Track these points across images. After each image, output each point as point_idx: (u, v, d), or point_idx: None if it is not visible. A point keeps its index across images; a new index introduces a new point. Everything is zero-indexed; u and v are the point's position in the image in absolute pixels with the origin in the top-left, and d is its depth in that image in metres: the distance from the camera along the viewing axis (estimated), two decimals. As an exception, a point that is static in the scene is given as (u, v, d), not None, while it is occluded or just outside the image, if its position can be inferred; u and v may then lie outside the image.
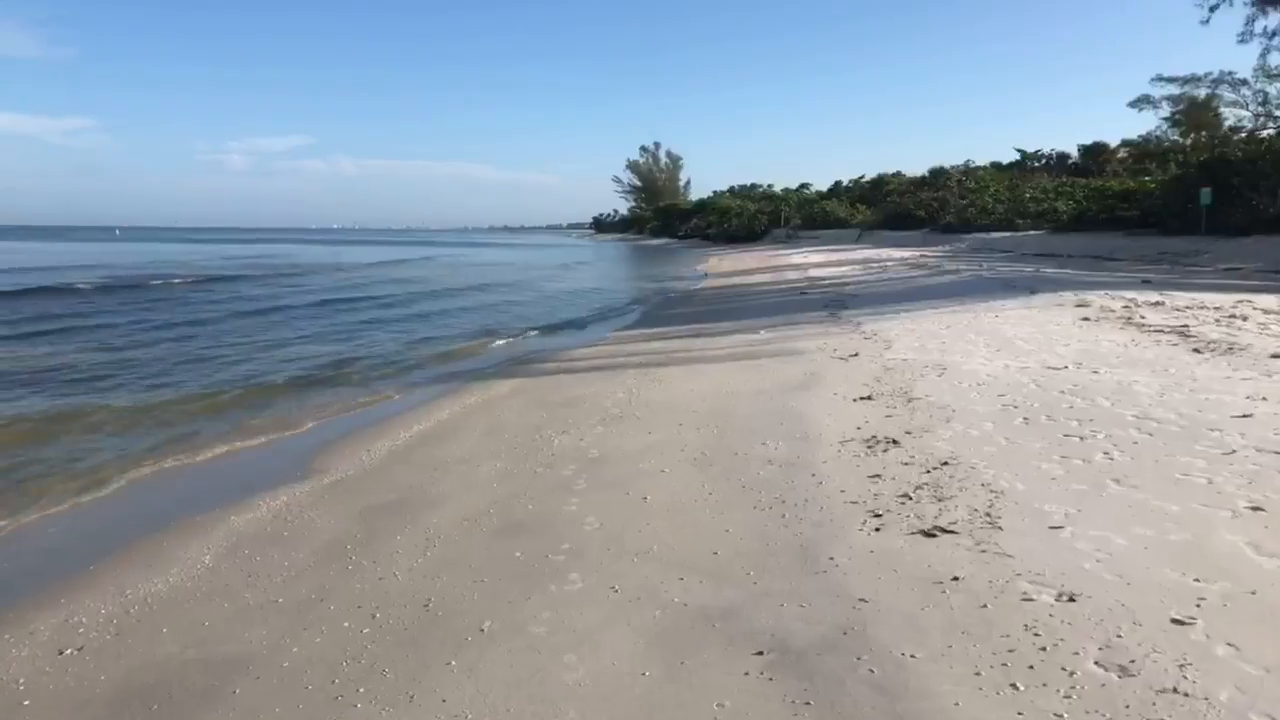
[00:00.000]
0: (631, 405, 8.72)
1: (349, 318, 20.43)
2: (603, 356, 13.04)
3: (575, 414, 8.49)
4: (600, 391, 9.65)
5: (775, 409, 7.90)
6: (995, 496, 5.14)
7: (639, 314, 20.75)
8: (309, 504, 6.06)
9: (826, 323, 14.62)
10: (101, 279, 32.45)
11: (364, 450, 7.52)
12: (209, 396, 10.55)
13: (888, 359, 10.19)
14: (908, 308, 15.91)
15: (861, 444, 6.45)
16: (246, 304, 23.94)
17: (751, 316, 16.93)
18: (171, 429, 8.89)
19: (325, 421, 9.24)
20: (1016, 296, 16.25)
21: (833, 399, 8.18)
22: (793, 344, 12.34)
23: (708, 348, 12.91)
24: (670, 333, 15.57)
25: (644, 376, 10.51)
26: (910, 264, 30.73)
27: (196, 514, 6.00)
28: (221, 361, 13.48)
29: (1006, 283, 19.35)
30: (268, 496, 6.30)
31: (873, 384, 8.77)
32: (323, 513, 5.84)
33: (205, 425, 9.05)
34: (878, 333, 12.62)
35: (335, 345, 15.45)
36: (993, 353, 10.10)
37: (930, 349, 10.71)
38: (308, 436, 8.60)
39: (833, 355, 10.85)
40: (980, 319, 13.27)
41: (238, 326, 18.41)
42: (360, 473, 6.83)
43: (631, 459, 6.55)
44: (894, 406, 7.66)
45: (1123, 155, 74.32)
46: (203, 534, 5.58)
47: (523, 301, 25.75)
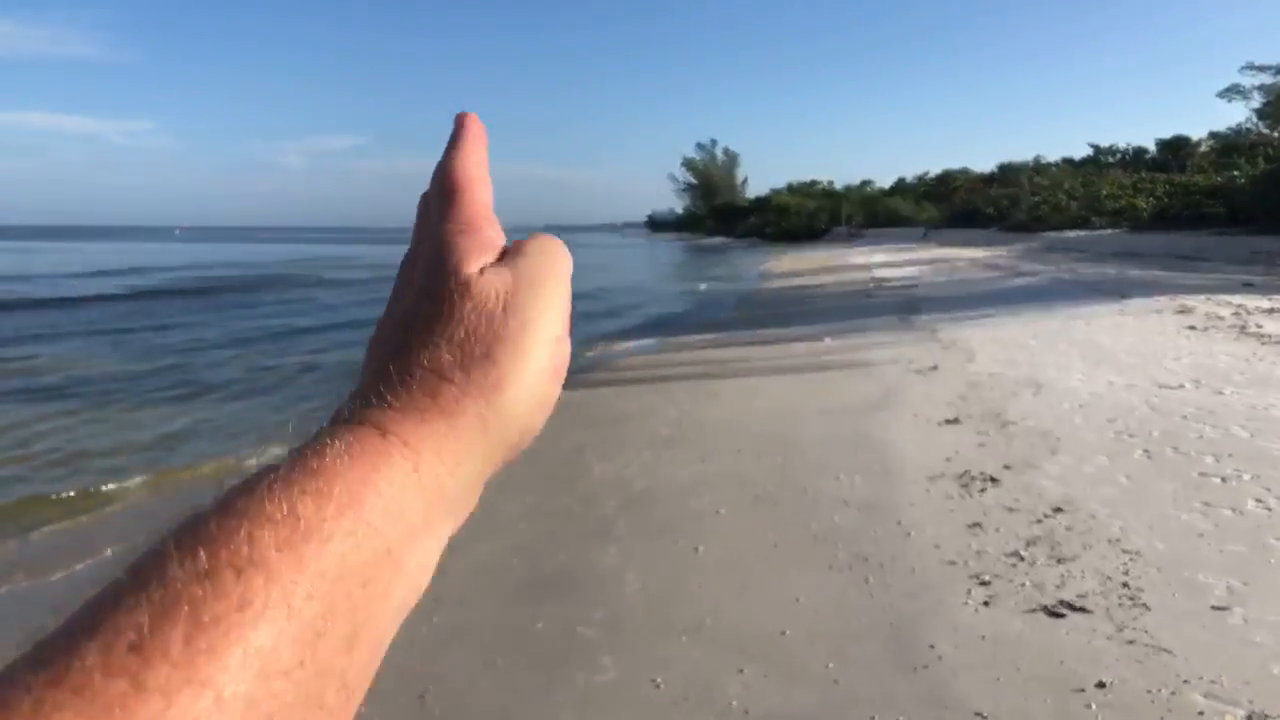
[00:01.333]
0: (683, 425, 7.84)
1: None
2: (653, 366, 12.18)
3: (620, 434, 7.65)
4: (649, 408, 8.79)
5: (847, 433, 6.95)
6: (1130, 559, 4.15)
7: (693, 318, 19.84)
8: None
9: (898, 329, 13.54)
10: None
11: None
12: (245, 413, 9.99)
13: (972, 373, 9.14)
14: (986, 313, 14.73)
15: (954, 481, 5.48)
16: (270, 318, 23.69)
17: (814, 322, 15.90)
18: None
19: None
20: (1106, 301, 14.95)
21: (913, 422, 7.20)
22: (862, 354, 11.32)
23: (767, 357, 11.96)
24: (726, 340, 14.64)
25: (697, 391, 9.62)
26: (982, 264, 29.28)
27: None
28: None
29: (1091, 286, 17.99)
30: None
31: (958, 404, 7.76)
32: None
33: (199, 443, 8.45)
34: (956, 341, 11.52)
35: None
36: (1091, 367, 8.98)
37: (1019, 361, 9.62)
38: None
39: (909, 368, 9.82)
40: (1070, 327, 12.07)
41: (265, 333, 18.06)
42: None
43: (682, 494, 5.68)
44: (986, 432, 6.65)
45: (1205, 149, 70.94)
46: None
47: (577, 307, 25.03)
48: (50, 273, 34.86)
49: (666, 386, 10.11)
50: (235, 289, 28.22)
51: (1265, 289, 16.22)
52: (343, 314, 19.72)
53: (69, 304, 22.91)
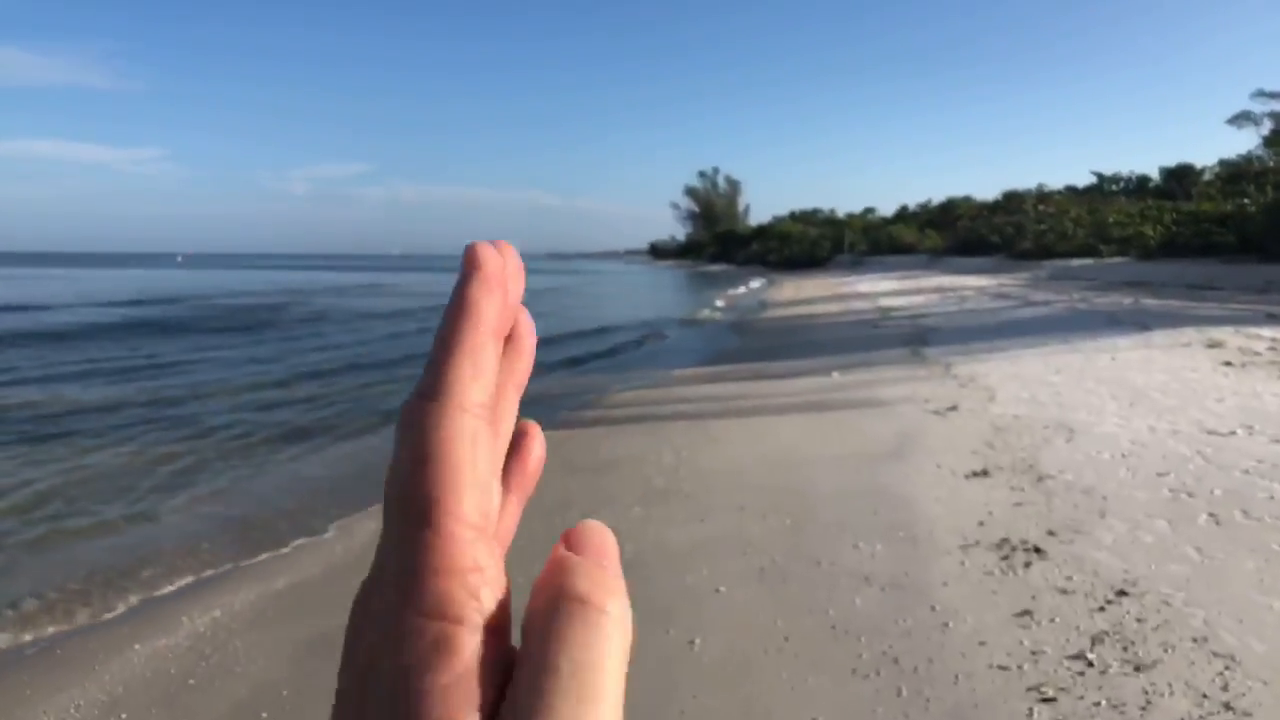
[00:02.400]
0: (680, 473, 7.07)
1: (374, 342, 19.22)
2: (649, 403, 11.42)
3: (609, 485, 6.88)
4: (643, 452, 8.02)
5: (864, 487, 6.18)
6: (1226, 667, 3.36)
7: (692, 349, 19.10)
8: (244, 627, 4.53)
9: (910, 364, 12.79)
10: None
11: (336, 543, 6.00)
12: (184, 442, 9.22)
13: (995, 415, 8.37)
14: (1001, 346, 13.99)
15: (991, 551, 4.70)
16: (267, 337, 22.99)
17: (820, 354, 15.16)
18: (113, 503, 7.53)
19: (302, 488, 7.80)
20: (1128, 333, 14.21)
21: (936, 473, 6.42)
22: (873, 390, 10.56)
23: (771, 393, 11.20)
24: (727, 373, 13.89)
25: (696, 432, 8.86)
26: (990, 293, 28.58)
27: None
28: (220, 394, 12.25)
29: (1110, 317, 17.25)
30: (196, 608, 4.80)
31: (984, 451, 6.99)
32: (254, 644, 4.30)
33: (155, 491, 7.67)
34: (974, 378, 10.77)
35: (345, 379, 14.12)
36: (1126, 408, 8.22)
37: (1044, 401, 8.86)
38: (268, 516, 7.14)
39: (925, 408, 9.06)
40: (1095, 362, 11.32)
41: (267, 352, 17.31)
42: (321, 574, 5.30)
43: (676, 564, 4.90)
44: (1020, 487, 5.87)
45: (1209, 178, 70.56)
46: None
47: (564, 333, 24.32)
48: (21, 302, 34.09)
49: (662, 427, 9.34)
50: (200, 327, 27.36)
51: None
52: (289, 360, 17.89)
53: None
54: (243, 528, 6.42)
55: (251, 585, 5.10)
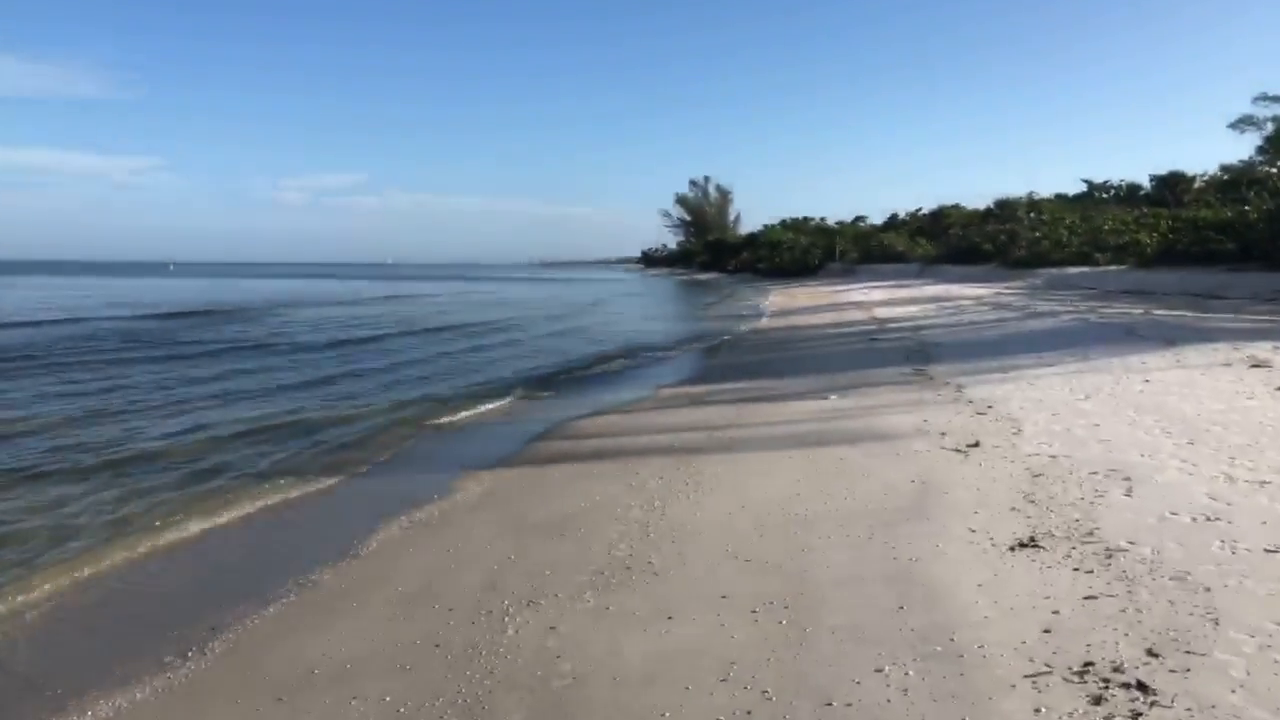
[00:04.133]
0: (650, 536, 5.69)
1: (344, 363, 17.74)
2: (625, 430, 10.04)
3: (561, 553, 5.49)
4: (607, 502, 6.64)
5: (882, 564, 4.81)
6: None
7: (677, 364, 17.71)
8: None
9: (916, 385, 11.44)
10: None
11: (190, 648, 4.58)
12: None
13: (1028, 455, 7.02)
14: (1014, 363, 12.67)
15: (1074, 685, 3.33)
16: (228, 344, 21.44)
17: (815, 372, 13.81)
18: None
19: (176, 557, 6.38)
20: (1152, 349, 12.90)
21: (971, 542, 5.06)
22: (878, 418, 9.21)
23: (763, 420, 9.84)
24: (714, 394, 12.52)
25: (674, 473, 7.48)
26: (989, 303, 27.32)
27: None
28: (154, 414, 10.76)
29: (1127, 330, 15.95)
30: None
31: (1025, 507, 5.63)
32: None
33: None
34: (992, 404, 9.43)
35: (296, 404, 12.63)
36: (1186, 447, 6.88)
37: (1082, 436, 7.51)
38: (121, 592, 5.73)
39: (940, 443, 7.71)
40: (1127, 385, 9.99)
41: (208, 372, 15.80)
42: (157, 694, 3.88)
43: (628, 702, 3.51)
44: (1085, 565, 4.52)
45: (1200, 185, 69.84)
46: None
47: (548, 347, 22.90)
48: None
49: (636, 465, 7.96)
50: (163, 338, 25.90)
51: (1326, 334, 14.24)
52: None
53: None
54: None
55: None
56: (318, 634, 4.51)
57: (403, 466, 8.97)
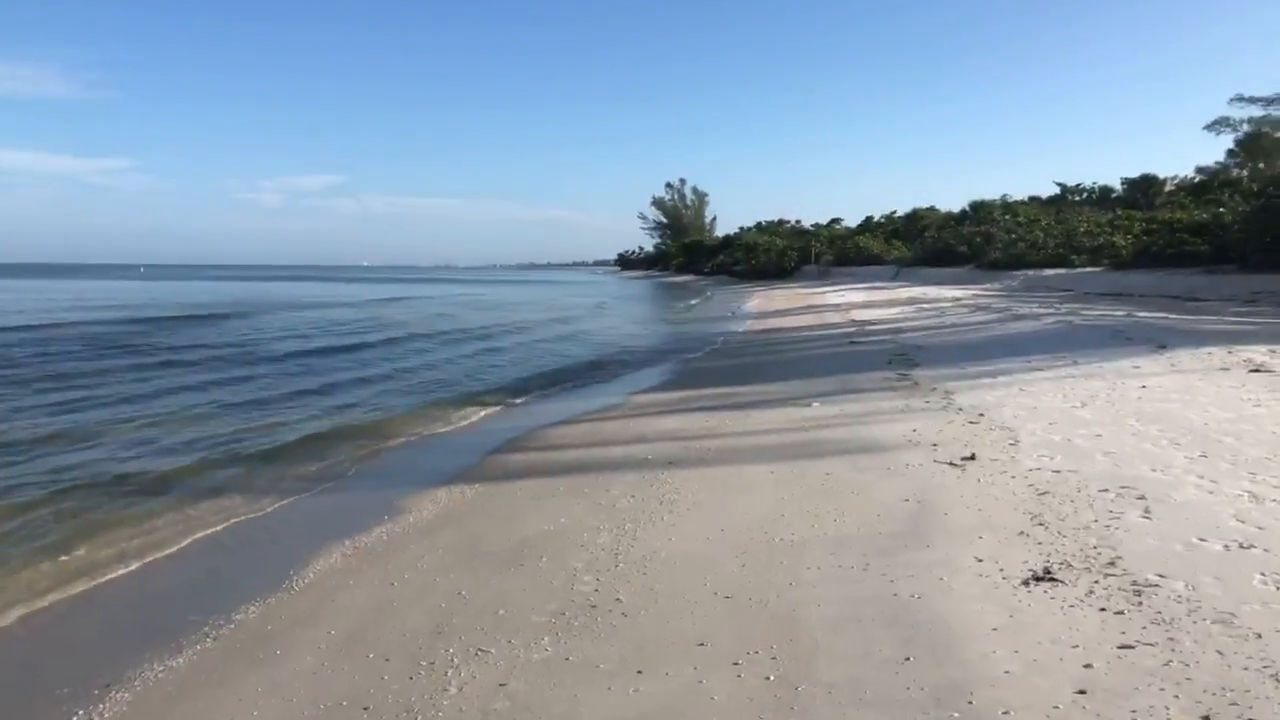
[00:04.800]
0: (619, 567, 5.09)
1: (316, 374, 16.98)
2: (596, 441, 9.42)
3: (517, 588, 4.87)
4: (573, 525, 6.03)
5: (881, 604, 4.23)
6: None
7: (653, 369, 17.10)
8: None
9: (901, 390, 10.91)
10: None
11: (75, 713, 3.91)
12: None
13: (1029, 469, 6.49)
14: (1001, 367, 12.19)
15: (1122, 765, 2.77)
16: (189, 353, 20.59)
17: (796, 377, 13.27)
18: None
19: (92, 595, 5.70)
20: (1143, 353, 12.47)
21: (979, 574, 4.50)
22: (864, 428, 8.67)
23: (742, 429, 9.27)
24: (691, 400, 11.93)
25: (648, 490, 6.88)
26: (968, 305, 26.97)
27: None
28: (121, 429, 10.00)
29: (1114, 331, 15.55)
30: None
31: (1034, 531, 5.09)
32: None
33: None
34: (983, 411, 8.91)
35: (253, 416, 11.91)
36: (1199, 460, 6.37)
37: (1084, 448, 7.00)
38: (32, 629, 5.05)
39: (933, 455, 7.17)
40: (1123, 390, 9.52)
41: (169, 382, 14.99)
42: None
43: (589, 785, 2.91)
44: (1112, 604, 3.97)
45: (1171, 189, 70.43)
46: None
47: (521, 352, 22.24)
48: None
49: (606, 480, 7.36)
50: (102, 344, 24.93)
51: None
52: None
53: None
54: None
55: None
56: (227, 690, 3.86)
57: (358, 483, 8.30)
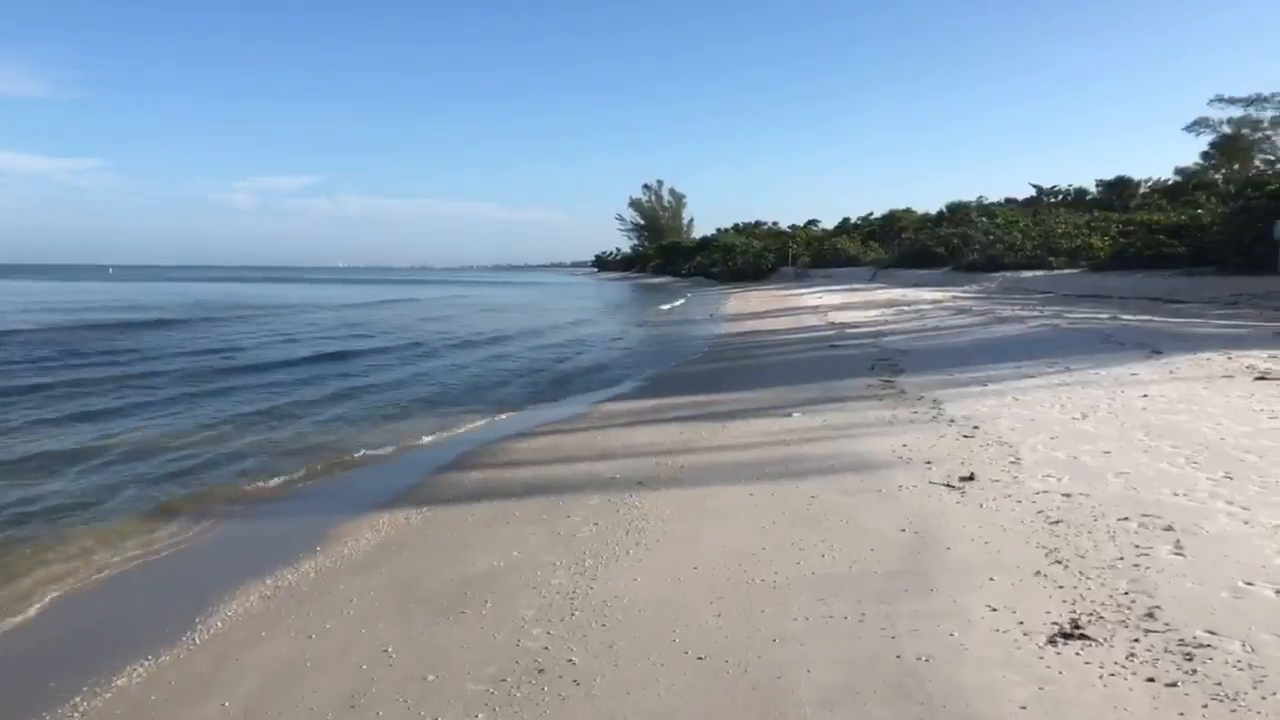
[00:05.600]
0: (573, 618, 4.37)
1: (268, 387, 16.11)
2: (559, 456, 8.69)
3: (452, 647, 4.13)
4: (526, 560, 5.30)
5: (883, 672, 3.53)
6: None
7: (626, 374, 16.38)
8: None
9: (887, 399, 10.27)
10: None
11: None
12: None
13: (1036, 492, 5.84)
14: (990, 374, 11.59)
15: None
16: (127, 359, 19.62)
17: (775, 384, 12.61)
18: None
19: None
20: (1138, 358, 11.92)
21: (995, 630, 3.82)
22: (850, 442, 8.01)
23: (718, 444, 8.58)
24: (664, 409, 11.23)
25: (613, 516, 6.17)
26: (948, 307, 26.47)
27: None
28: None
29: (1103, 336, 15.01)
30: None
31: (1052, 571, 4.42)
32: None
33: None
34: (977, 423, 8.27)
35: (197, 427, 11.06)
36: (1225, 482, 5.75)
37: (1092, 466, 6.36)
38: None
39: (928, 475, 6.51)
40: (1124, 400, 8.92)
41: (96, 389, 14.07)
42: None
43: None
44: (1158, 669, 3.31)
45: (1145, 191, 70.81)
46: None
47: (488, 355, 21.45)
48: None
49: (568, 504, 6.64)
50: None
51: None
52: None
53: None
54: None
55: None
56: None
57: (297, 506, 7.54)
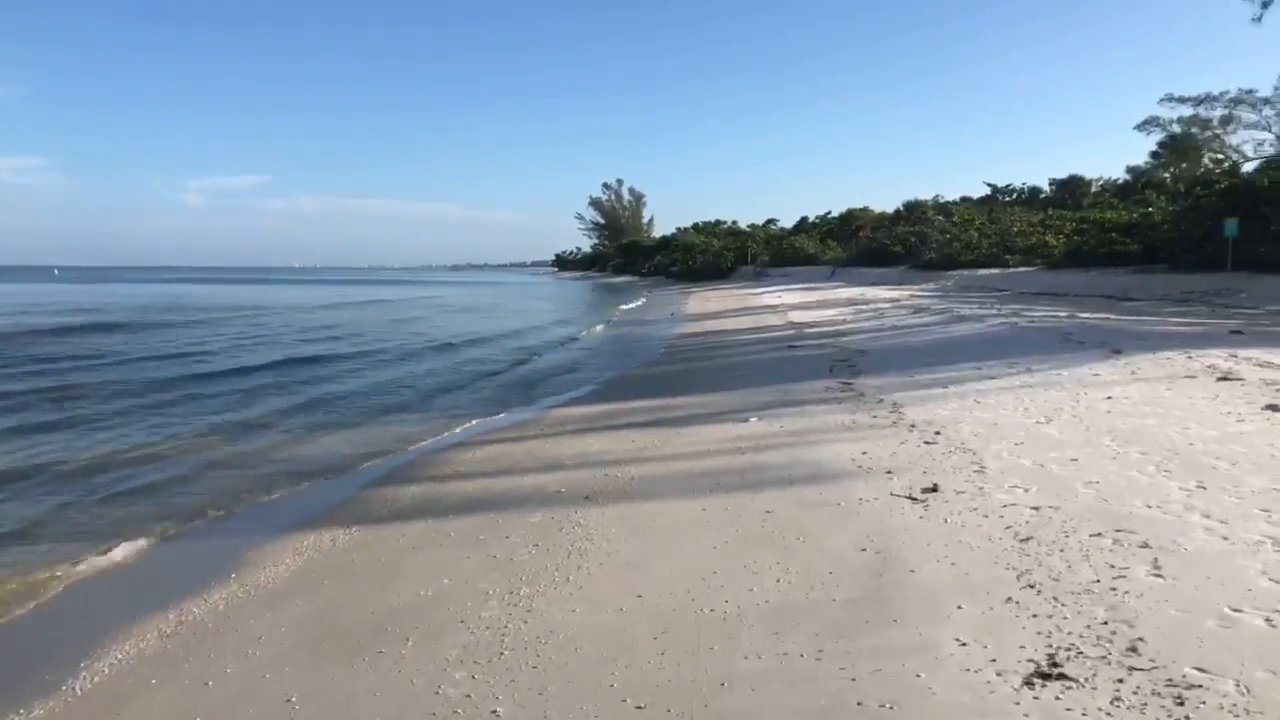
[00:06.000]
0: (501, 658, 3.92)
1: (205, 395, 15.38)
2: (503, 468, 8.22)
3: (362, 694, 3.66)
4: (456, 589, 4.84)
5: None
6: None
7: (582, 376, 15.93)
8: None
9: (846, 402, 9.94)
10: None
11: None
12: None
13: (1003, 505, 5.50)
14: (950, 375, 11.32)
15: None
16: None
17: (732, 386, 12.24)
18: None
19: None
20: (1097, 358, 11.74)
21: (966, 670, 3.44)
22: (808, 449, 7.64)
23: (673, 451, 8.17)
24: (619, 415, 10.80)
25: (554, 536, 5.72)
26: (905, 306, 26.38)
27: None
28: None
29: (1062, 335, 14.87)
30: None
31: (1024, 597, 4.07)
32: None
33: None
34: (939, 428, 7.95)
35: (109, 441, 10.40)
36: (1198, 492, 5.46)
37: (1060, 475, 6.06)
38: None
39: (888, 486, 6.15)
40: (1087, 401, 8.67)
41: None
42: None
43: None
44: (1144, 711, 2.94)
45: (1097, 189, 72.02)
46: None
47: (440, 360, 20.86)
48: None
49: (507, 522, 6.18)
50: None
51: (1259, 338, 13.42)
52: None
53: None
54: None
55: None
56: None
57: (218, 526, 6.99)
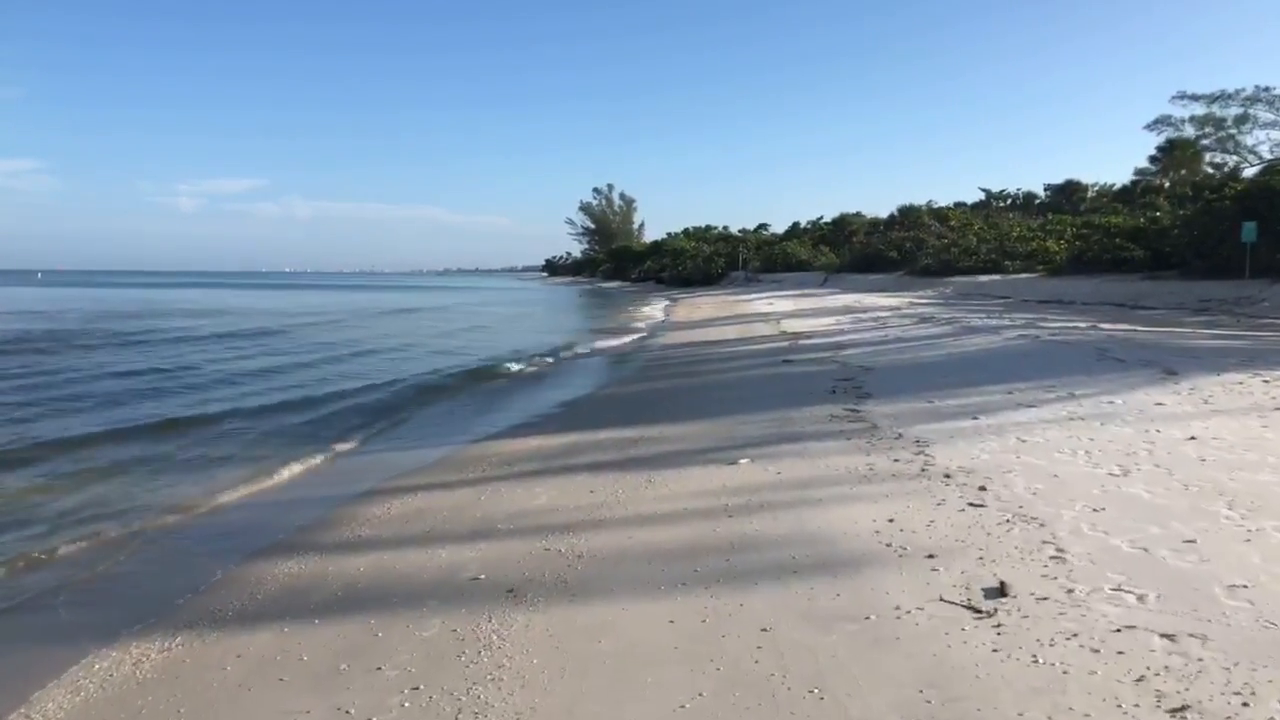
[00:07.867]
0: None
1: (102, 412, 13.48)
2: (415, 535, 6.33)
3: None
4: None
5: None
6: None
7: (546, 395, 14.05)
8: None
9: (856, 437, 8.10)
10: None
11: None
12: None
13: (1111, 627, 3.67)
14: (975, 400, 9.52)
15: None
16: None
17: (719, 411, 10.41)
18: None
19: None
20: (1150, 381, 9.95)
21: None
22: (814, 511, 5.81)
23: (637, 510, 6.32)
24: (578, 449, 8.94)
25: (450, 664, 3.86)
26: (908, 315, 24.62)
27: None
28: None
29: (1099, 351, 13.06)
30: None
31: None
32: None
33: None
34: (983, 482, 6.13)
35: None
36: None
37: (1180, 567, 4.24)
38: None
39: (933, 584, 4.32)
40: (1165, 442, 6.86)
41: None
42: None
43: None
44: None
45: (1093, 194, 70.82)
46: None
47: (390, 369, 18.97)
48: None
49: (387, 640, 4.33)
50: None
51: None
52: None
53: None
54: None
55: None
56: None
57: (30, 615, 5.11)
